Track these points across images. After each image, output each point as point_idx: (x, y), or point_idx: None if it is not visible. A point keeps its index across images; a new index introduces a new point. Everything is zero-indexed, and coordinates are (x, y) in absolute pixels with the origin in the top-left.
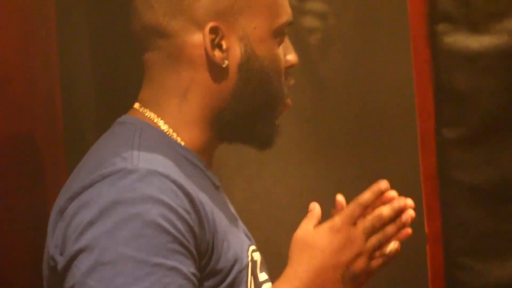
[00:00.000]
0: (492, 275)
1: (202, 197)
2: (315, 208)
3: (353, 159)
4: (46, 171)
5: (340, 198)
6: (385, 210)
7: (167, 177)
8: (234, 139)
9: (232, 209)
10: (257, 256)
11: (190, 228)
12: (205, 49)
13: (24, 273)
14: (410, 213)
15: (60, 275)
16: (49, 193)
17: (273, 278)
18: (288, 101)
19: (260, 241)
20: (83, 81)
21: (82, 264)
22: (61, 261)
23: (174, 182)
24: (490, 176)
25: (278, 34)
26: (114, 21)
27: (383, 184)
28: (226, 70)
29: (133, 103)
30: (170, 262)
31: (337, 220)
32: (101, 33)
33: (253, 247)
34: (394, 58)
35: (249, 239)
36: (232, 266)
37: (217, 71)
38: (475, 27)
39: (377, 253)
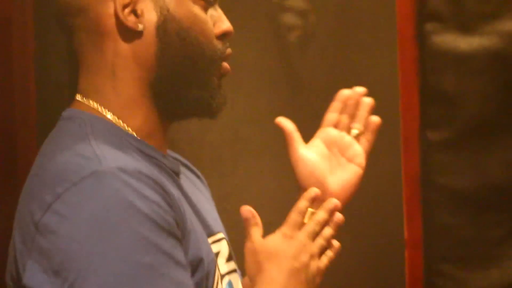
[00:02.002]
0: (473, 283)
1: (170, 190)
2: (255, 217)
3: None
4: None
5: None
6: (320, 214)
7: (139, 172)
8: (177, 112)
9: (197, 194)
10: (219, 246)
11: (174, 219)
12: (118, 16)
13: None
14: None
15: None
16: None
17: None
18: (225, 65)
19: (233, 240)
20: (58, 69)
21: (87, 284)
22: (42, 278)
23: (147, 176)
24: (474, 181)
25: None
26: None
27: (314, 191)
28: (143, 35)
29: None
30: (174, 257)
31: (285, 229)
32: None
33: (216, 237)
34: (377, 58)
35: (217, 226)
36: (200, 259)
37: (135, 38)
38: (464, 28)
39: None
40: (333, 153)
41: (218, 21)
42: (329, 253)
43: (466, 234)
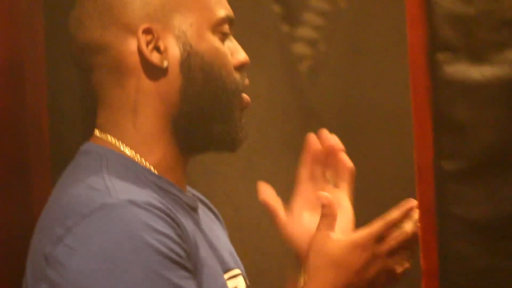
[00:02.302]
0: None
1: (183, 223)
2: (331, 207)
3: None
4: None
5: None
6: (408, 227)
7: (149, 204)
8: (199, 147)
9: (214, 228)
10: (235, 282)
11: (185, 251)
12: (142, 53)
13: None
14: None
15: None
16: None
17: None
18: (245, 96)
19: (247, 271)
20: (71, 102)
21: None
22: None
23: (158, 208)
24: (490, 211)
25: (217, 30)
26: None
27: (412, 202)
28: (167, 71)
29: None
30: None
31: (364, 236)
32: None
33: (232, 273)
34: (388, 87)
35: (234, 262)
36: None
37: (159, 74)
38: (476, 57)
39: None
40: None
41: (235, 52)
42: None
43: (482, 264)
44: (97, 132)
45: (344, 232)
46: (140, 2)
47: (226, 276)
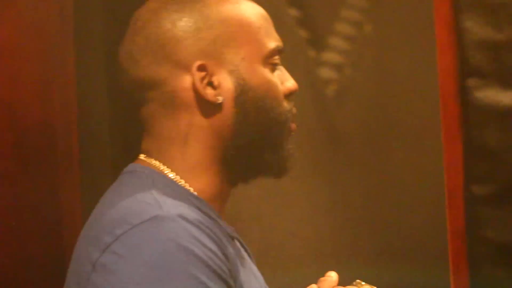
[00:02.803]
0: None
1: (225, 244)
2: (331, 275)
3: (371, 214)
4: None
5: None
6: None
7: (198, 221)
8: (247, 177)
9: (249, 261)
10: None
11: (229, 270)
12: (197, 90)
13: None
14: None
15: None
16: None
17: None
18: (293, 125)
19: None
20: (100, 129)
21: None
22: None
23: (208, 228)
24: None
25: (268, 62)
26: None
27: None
28: (222, 106)
29: None
30: None
31: None
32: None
33: None
34: (414, 111)
35: None
36: None
37: (213, 109)
38: (507, 83)
39: None
40: None
41: (284, 80)
42: None
43: None
44: (141, 156)
45: None
46: (192, 38)
47: None
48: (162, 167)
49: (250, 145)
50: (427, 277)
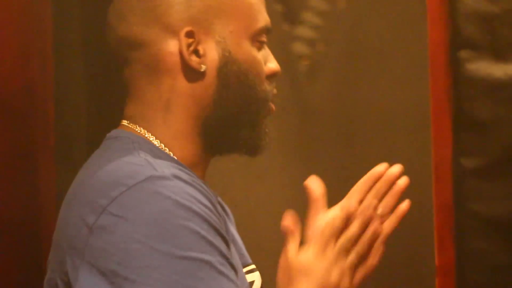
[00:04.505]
0: None
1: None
2: (294, 228)
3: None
4: (39, 178)
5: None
6: (352, 230)
7: (193, 181)
8: (224, 149)
9: (231, 225)
10: (253, 277)
11: (224, 228)
12: (182, 55)
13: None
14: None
15: None
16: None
17: None
18: (272, 106)
19: None
20: (76, 94)
21: (150, 281)
22: (98, 279)
23: (200, 186)
24: (508, 208)
25: (255, 40)
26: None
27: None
28: (204, 75)
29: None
30: (230, 261)
31: (318, 244)
32: (95, 46)
33: (250, 267)
34: (383, 86)
35: (248, 257)
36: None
37: (196, 77)
38: (500, 55)
39: (359, 267)
40: None
41: (268, 61)
42: (362, 270)
43: (499, 261)
44: (124, 122)
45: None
46: (184, 4)
47: (244, 270)
48: (147, 133)
49: (228, 119)
50: (412, 251)
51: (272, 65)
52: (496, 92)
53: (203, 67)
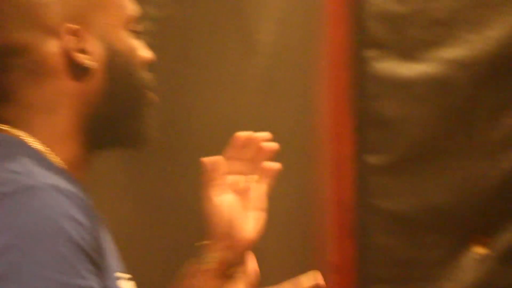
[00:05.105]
0: None
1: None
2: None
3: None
4: None
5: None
6: None
7: (71, 192)
8: (107, 143)
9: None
10: (128, 286)
11: (98, 246)
12: (67, 55)
13: None
14: None
15: None
16: None
17: None
18: (155, 96)
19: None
20: None
21: None
22: None
23: (79, 198)
24: (412, 204)
25: (128, 28)
26: None
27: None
28: (91, 72)
29: None
30: (88, 283)
31: None
32: None
33: (124, 276)
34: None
35: (121, 266)
36: None
37: (82, 75)
38: (405, 54)
39: None
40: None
41: (141, 49)
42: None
43: (403, 256)
44: (4, 127)
45: None
46: (59, 2)
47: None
48: (29, 138)
49: (115, 113)
50: (308, 248)
51: (146, 53)
52: (402, 90)
53: (91, 64)
